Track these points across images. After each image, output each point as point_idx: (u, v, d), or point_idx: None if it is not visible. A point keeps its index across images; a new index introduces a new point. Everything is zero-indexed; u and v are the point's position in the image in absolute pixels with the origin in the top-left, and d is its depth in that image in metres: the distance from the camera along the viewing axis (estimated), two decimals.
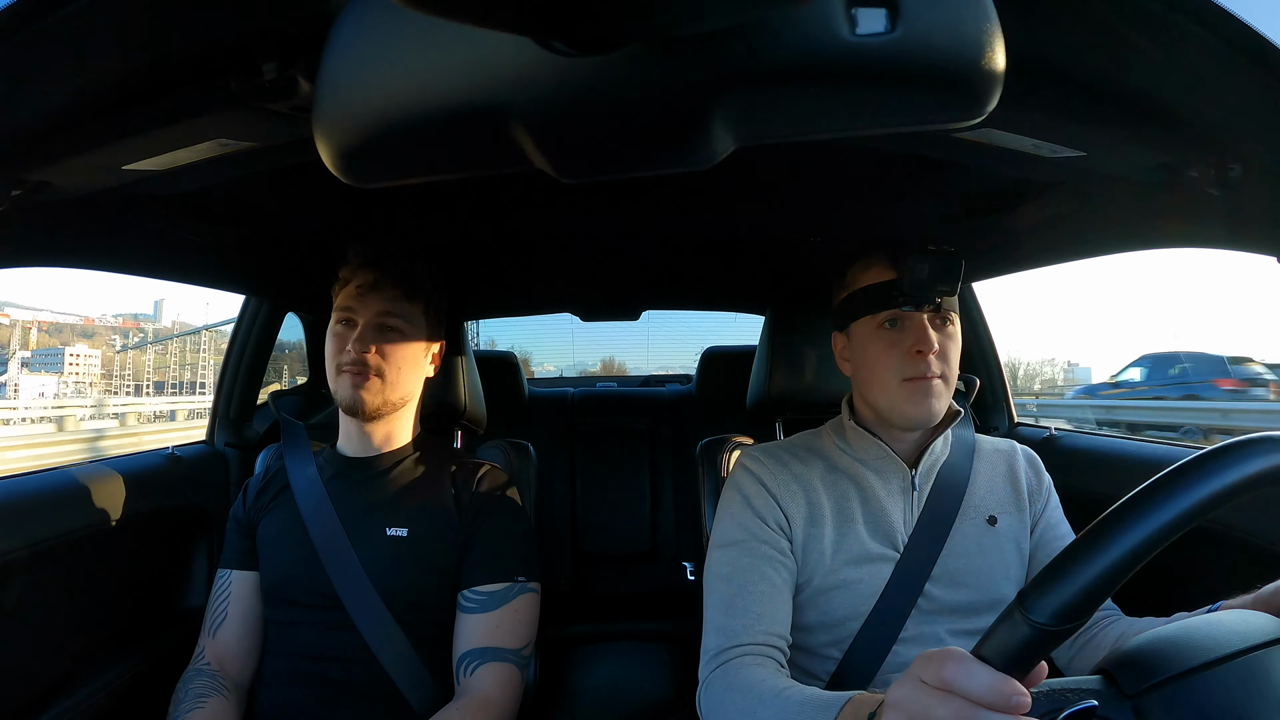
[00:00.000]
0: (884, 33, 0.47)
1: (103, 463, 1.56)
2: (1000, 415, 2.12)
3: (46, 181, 0.94)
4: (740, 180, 1.49)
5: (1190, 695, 0.59)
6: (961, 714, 0.57)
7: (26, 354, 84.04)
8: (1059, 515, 1.28)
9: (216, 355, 33.95)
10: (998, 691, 0.56)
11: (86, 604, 1.43)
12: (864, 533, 1.21)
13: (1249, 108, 0.77)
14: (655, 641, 2.44)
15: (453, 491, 1.41)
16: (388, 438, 1.46)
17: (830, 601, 1.18)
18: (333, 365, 1.39)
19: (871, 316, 1.21)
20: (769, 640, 1.10)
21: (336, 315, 1.41)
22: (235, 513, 1.46)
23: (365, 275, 1.40)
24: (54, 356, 75.41)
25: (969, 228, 1.54)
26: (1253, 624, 0.65)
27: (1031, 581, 0.59)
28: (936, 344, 1.17)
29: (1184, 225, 1.14)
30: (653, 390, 3.25)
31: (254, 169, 1.00)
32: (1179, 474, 0.58)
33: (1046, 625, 0.56)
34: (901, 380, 1.18)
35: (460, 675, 1.28)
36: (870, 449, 1.26)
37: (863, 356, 1.24)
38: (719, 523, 1.27)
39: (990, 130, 0.89)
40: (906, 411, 1.19)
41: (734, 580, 1.16)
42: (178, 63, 0.74)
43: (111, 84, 0.76)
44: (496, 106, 0.50)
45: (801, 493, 1.24)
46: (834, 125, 0.56)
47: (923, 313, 1.18)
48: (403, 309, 1.42)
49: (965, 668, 0.58)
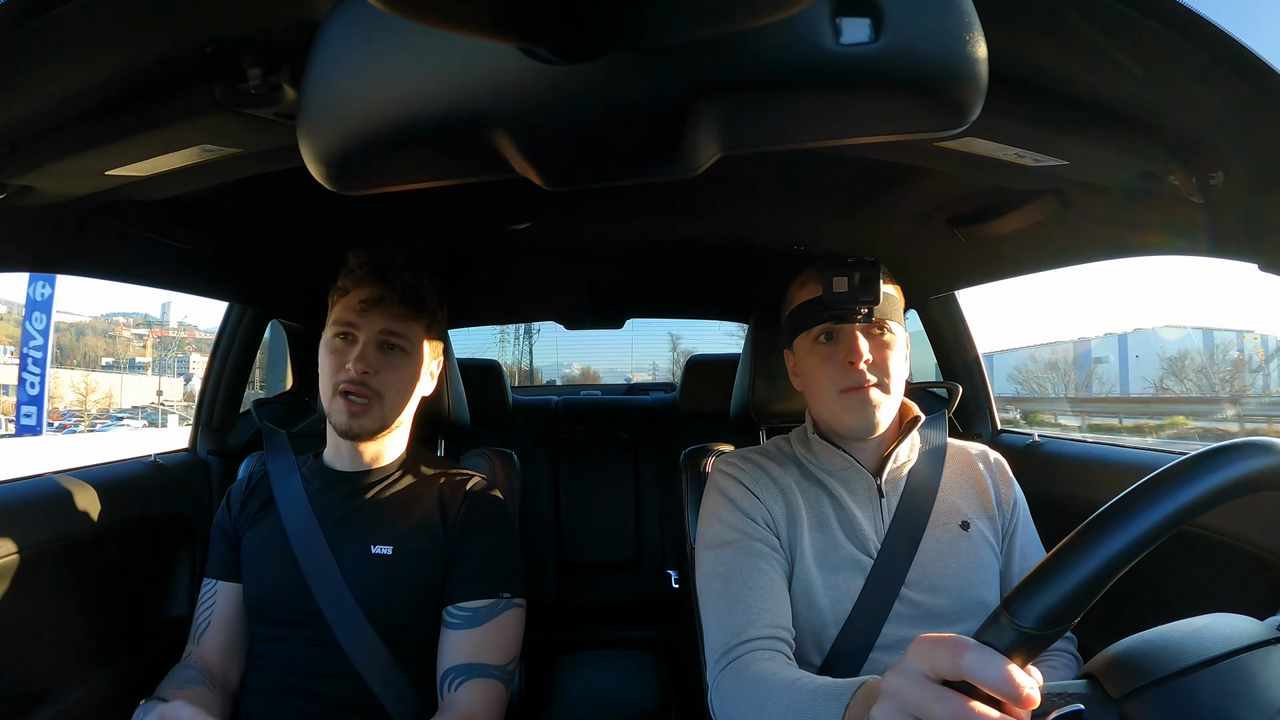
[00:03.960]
0: (868, 42, 0.47)
1: (84, 470, 1.54)
2: (983, 422, 2.12)
3: (30, 186, 0.94)
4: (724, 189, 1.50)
5: (1175, 698, 0.59)
6: (960, 714, 0.56)
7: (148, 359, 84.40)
8: (1026, 519, 1.30)
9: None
10: (1010, 682, 0.55)
11: (68, 613, 1.41)
12: (840, 537, 1.23)
13: (1230, 117, 0.78)
14: (639, 650, 2.43)
15: (439, 506, 1.39)
16: (379, 455, 1.43)
17: (810, 606, 1.19)
18: (329, 383, 1.34)
19: (808, 332, 1.25)
20: (774, 633, 1.10)
21: (335, 328, 1.36)
22: (220, 521, 1.44)
23: (369, 289, 1.35)
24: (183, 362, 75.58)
25: (952, 235, 1.54)
26: (1237, 627, 0.66)
27: (1017, 586, 0.59)
28: (868, 354, 1.19)
29: (1166, 233, 1.15)
30: (636, 399, 3.25)
31: (238, 175, 0.99)
32: (1164, 478, 0.59)
33: (1033, 630, 0.57)
34: (839, 391, 1.21)
35: (444, 691, 1.26)
36: (834, 459, 1.28)
37: (804, 370, 1.28)
38: (705, 527, 1.27)
39: (973, 139, 0.90)
40: (846, 422, 1.22)
41: (732, 578, 1.16)
42: (162, 68, 0.74)
43: (96, 89, 0.76)
44: (481, 114, 0.50)
45: (780, 495, 1.26)
46: (818, 134, 0.56)
47: (853, 324, 1.21)
48: (406, 327, 1.37)
49: (983, 656, 0.57)
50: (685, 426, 2.80)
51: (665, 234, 1.87)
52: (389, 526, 1.35)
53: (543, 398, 3.09)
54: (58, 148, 0.85)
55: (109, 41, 0.68)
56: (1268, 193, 0.87)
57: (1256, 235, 0.98)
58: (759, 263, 2.22)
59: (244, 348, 2.09)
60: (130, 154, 0.88)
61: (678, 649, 2.32)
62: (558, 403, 2.99)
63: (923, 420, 1.31)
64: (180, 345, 71.90)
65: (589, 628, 2.57)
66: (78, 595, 1.44)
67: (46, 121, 0.80)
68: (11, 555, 1.25)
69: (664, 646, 2.46)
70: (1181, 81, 0.74)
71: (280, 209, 1.50)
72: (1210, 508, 0.59)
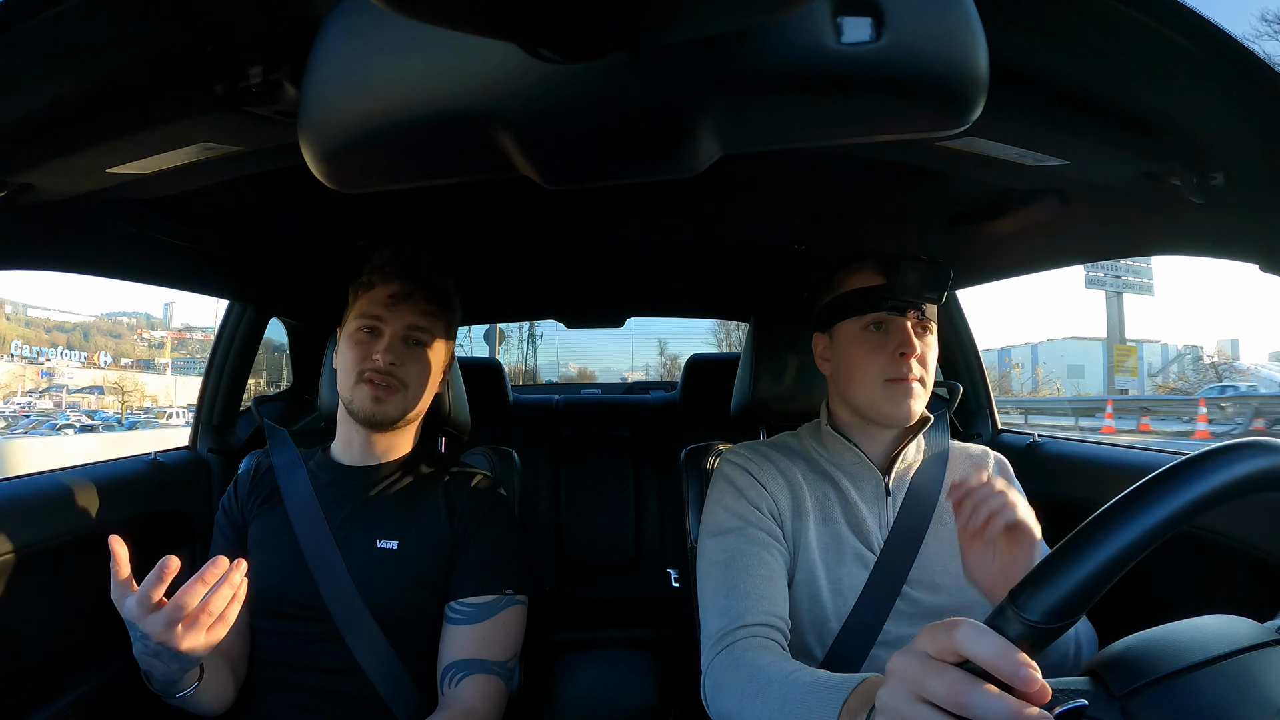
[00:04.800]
0: (869, 41, 0.47)
1: (84, 468, 1.54)
2: (984, 422, 2.12)
3: (30, 184, 0.94)
4: (726, 188, 1.50)
5: (1177, 696, 0.59)
6: (956, 686, 0.57)
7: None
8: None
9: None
10: (1006, 657, 0.56)
11: (66, 612, 1.41)
12: (845, 531, 1.24)
13: (1231, 117, 0.78)
14: (639, 648, 2.43)
15: (445, 501, 1.39)
16: (390, 449, 1.44)
17: (813, 599, 1.20)
18: (352, 373, 1.35)
19: (858, 318, 1.26)
20: (771, 621, 1.11)
21: (359, 322, 1.37)
22: (227, 506, 1.44)
23: (397, 285, 1.37)
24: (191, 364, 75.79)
25: (953, 235, 1.54)
26: (1238, 628, 0.66)
27: (1024, 579, 0.60)
28: (918, 348, 1.21)
29: (1167, 233, 1.15)
30: (636, 398, 3.26)
31: (239, 173, 0.99)
32: (1169, 475, 0.60)
33: (1039, 623, 0.57)
34: (884, 381, 1.22)
35: (445, 686, 1.27)
36: (845, 454, 1.29)
37: (846, 357, 1.28)
38: (709, 514, 1.28)
39: (974, 139, 0.89)
40: (886, 410, 1.23)
41: (733, 565, 1.17)
42: (163, 65, 0.74)
43: (96, 86, 0.76)
44: (482, 113, 0.50)
45: (787, 486, 1.27)
46: (819, 133, 0.56)
47: (907, 318, 1.23)
48: (430, 322, 1.39)
49: (976, 631, 0.58)
50: (685, 426, 2.80)
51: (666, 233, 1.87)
52: (395, 522, 1.35)
53: (543, 397, 3.09)
54: (58, 145, 0.85)
55: (110, 39, 0.68)
56: (1268, 194, 0.87)
57: (1257, 236, 0.98)
58: (760, 262, 2.22)
59: (244, 345, 2.09)
60: (131, 152, 0.88)
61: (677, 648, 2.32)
62: (558, 402, 3.00)
63: (932, 422, 1.32)
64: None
65: (589, 626, 2.58)
66: (77, 594, 1.43)
67: (47, 119, 0.80)
68: (9, 555, 1.25)
69: (663, 645, 2.46)
70: (1182, 82, 0.74)
71: (281, 207, 1.50)
72: (1214, 506, 0.59)
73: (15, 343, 58.50)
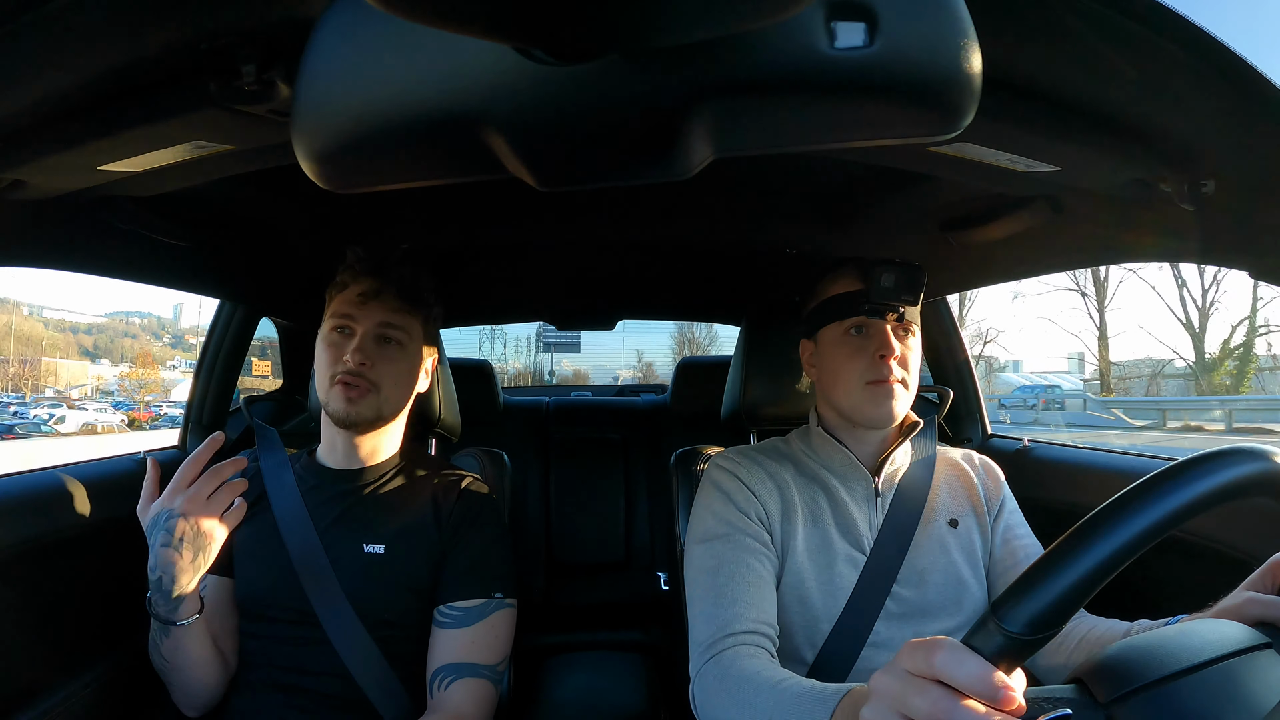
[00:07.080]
0: (862, 46, 0.47)
1: (71, 468, 1.52)
2: (974, 426, 2.13)
3: (21, 180, 0.93)
4: (718, 191, 1.50)
5: (1163, 703, 0.60)
6: (939, 704, 0.57)
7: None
8: (1018, 519, 1.33)
9: None
10: (984, 680, 0.56)
11: (54, 612, 1.40)
12: (834, 533, 1.25)
13: (1222, 124, 0.78)
14: (629, 651, 2.43)
15: (433, 505, 1.38)
16: (374, 451, 1.42)
17: (802, 601, 1.21)
18: (326, 374, 1.34)
19: (839, 323, 1.28)
20: (759, 629, 1.11)
21: (332, 322, 1.36)
22: None
23: (367, 282, 1.35)
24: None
25: (944, 241, 1.55)
26: (1225, 633, 0.66)
27: (1005, 591, 0.60)
28: (898, 350, 1.24)
29: (1158, 239, 1.16)
30: (627, 400, 3.25)
31: (231, 172, 0.99)
32: (1152, 485, 0.60)
33: (1020, 634, 0.57)
34: (865, 383, 1.24)
35: (434, 690, 1.26)
36: (835, 455, 1.31)
37: (828, 361, 1.30)
38: (697, 520, 1.28)
39: (966, 145, 0.90)
40: (868, 412, 1.25)
41: (720, 572, 1.17)
42: (156, 63, 0.74)
43: (88, 83, 0.76)
44: (475, 114, 0.49)
45: (776, 490, 1.28)
46: (812, 137, 0.56)
47: (886, 321, 1.25)
48: (404, 320, 1.37)
49: (955, 654, 0.58)
50: (676, 429, 2.80)
51: (658, 236, 1.87)
52: (382, 525, 1.34)
53: (534, 399, 3.08)
54: (50, 142, 0.84)
55: (102, 36, 0.68)
56: (1259, 200, 0.88)
57: (1247, 242, 0.99)
58: (751, 265, 2.22)
59: (235, 345, 2.07)
60: (122, 149, 0.88)
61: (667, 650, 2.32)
62: (548, 404, 2.99)
63: (921, 426, 1.34)
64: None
65: (578, 629, 2.57)
66: (64, 594, 1.42)
67: (38, 115, 0.80)
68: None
69: (653, 648, 2.46)
70: (1174, 89, 0.74)
71: (273, 206, 1.49)
72: (1198, 513, 0.59)
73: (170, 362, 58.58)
